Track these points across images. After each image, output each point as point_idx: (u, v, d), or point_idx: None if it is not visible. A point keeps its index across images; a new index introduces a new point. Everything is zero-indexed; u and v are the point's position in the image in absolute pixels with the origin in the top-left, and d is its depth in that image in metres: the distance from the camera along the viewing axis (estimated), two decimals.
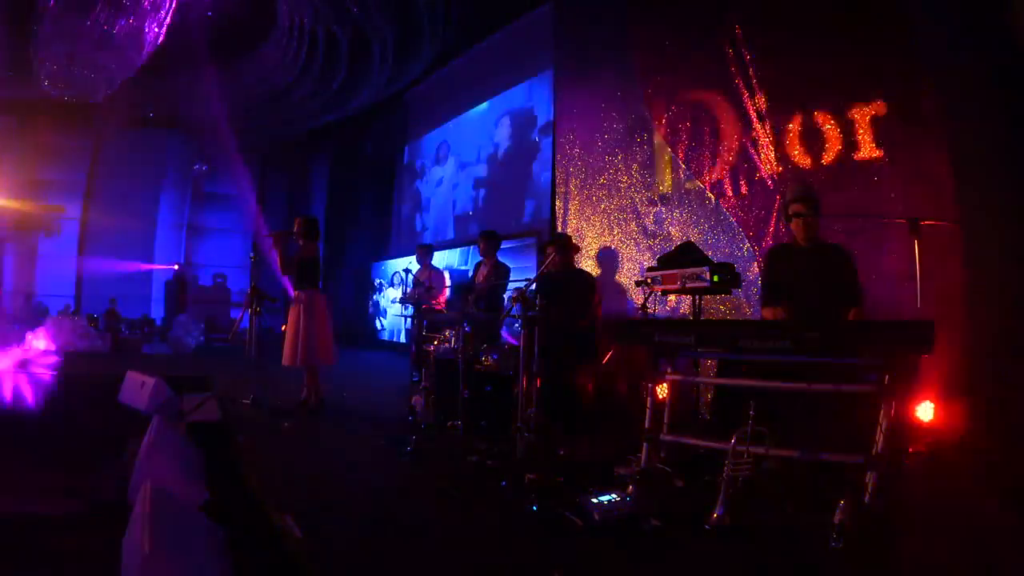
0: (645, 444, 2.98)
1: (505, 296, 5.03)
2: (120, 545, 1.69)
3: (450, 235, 9.61)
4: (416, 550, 2.23)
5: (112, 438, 3.51)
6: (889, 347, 2.33)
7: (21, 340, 8.80)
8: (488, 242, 5.17)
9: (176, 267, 13.01)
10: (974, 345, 3.29)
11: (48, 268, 12.35)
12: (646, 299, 4.12)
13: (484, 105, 9.03)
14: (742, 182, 4.50)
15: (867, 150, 3.80)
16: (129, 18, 7.88)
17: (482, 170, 8.98)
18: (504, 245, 5.51)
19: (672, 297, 4.68)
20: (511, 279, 5.04)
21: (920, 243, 2.72)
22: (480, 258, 5.27)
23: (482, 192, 8.96)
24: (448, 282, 6.29)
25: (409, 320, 6.18)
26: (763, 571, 2.06)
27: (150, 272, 13.27)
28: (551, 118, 6.99)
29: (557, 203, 6.35)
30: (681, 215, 4.96)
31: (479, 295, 4.99)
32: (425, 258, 6.33)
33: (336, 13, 7.83)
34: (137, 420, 3.75)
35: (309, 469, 3.32)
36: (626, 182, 5.51)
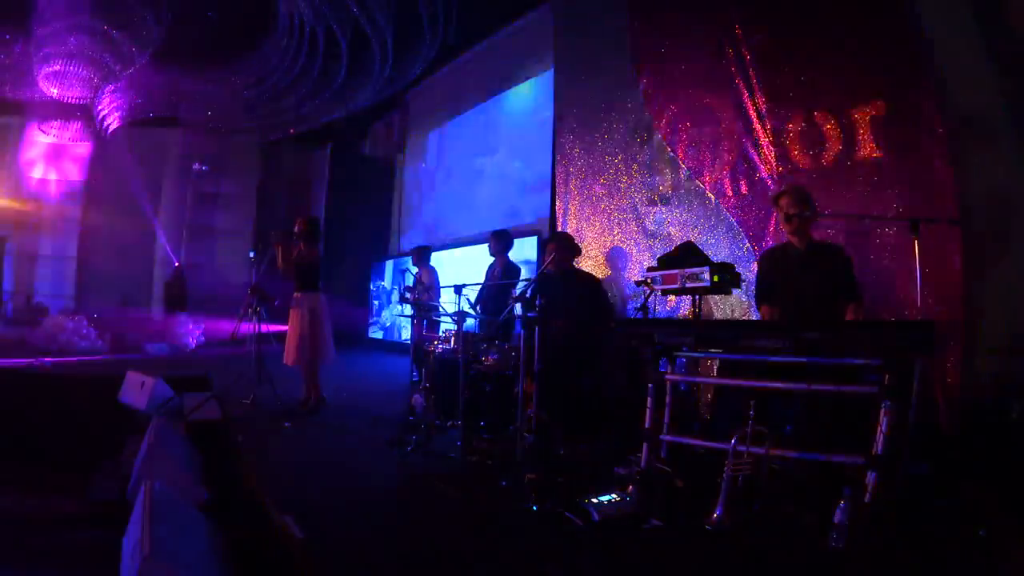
0: (645, 444, 2.98)
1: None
2: (120, 545, 1.69)
3: (449, 235, 9.61)
4: (416, 550, 2.23)
5: (112, 438, 3.51)
6: (889, 347, 2.33)
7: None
8: (498, 241, 5.12)
9: (176, 266, 13.00)
10: (974, 345, 3.29)
11: (48, 268, 12.35)
12: (646, 299, 4.12)
13: (484, 105, 9.03)
14: (742, 182, 4.50)
15: (867, 150, 3.80)
16: (129, 17, 7.88)
17: (482, 170, 8.98)
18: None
19: (672, 297, 4.67)
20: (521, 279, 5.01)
21: (920, 243, 2.72)
22: (493, 257, 5.24)
23: (482, 192, 8.96)
24: (439, 281, 6.28)
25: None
26: (763, 571, 2.06)
27: (150, 272, 13.26)
28: (551, 118, 6.98)
29: (557, 203, 6.34)
30: (681, 215, 4.96)
31: (488, 294, 4.97)
32: (422, 259, 6.32)
33: (336, 13, 7.82)
34: (137, 420, 3.74)
35: (309, 469, 3.32)
36: (626, 182, 5.51)
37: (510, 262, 5.14)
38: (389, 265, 11.11)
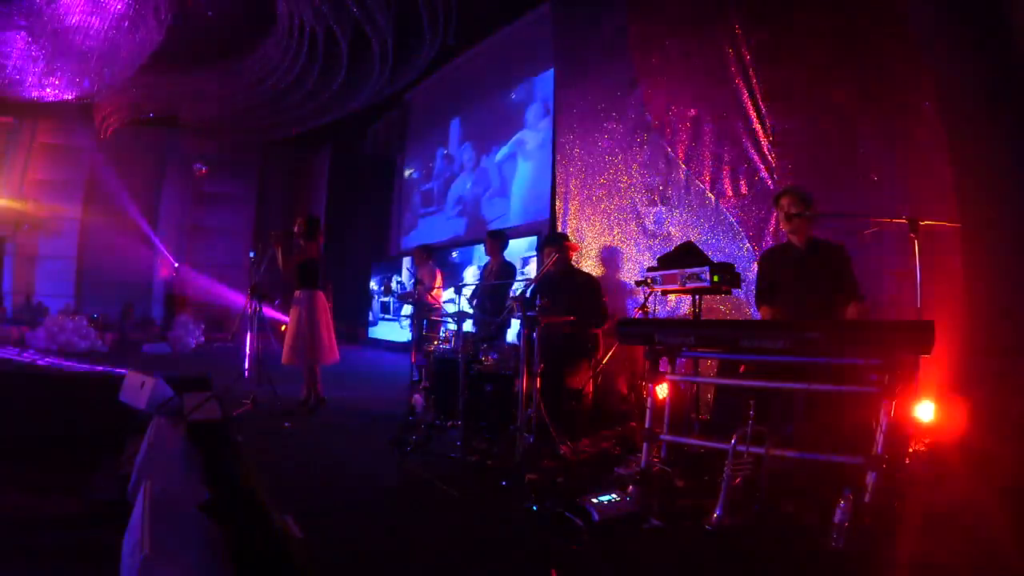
0: (645, 444, 2.98)
1: (511, 295, 5.03)
2: (120, 545, 1.69)
3: (449, 235, 9.61)
4: (416, 550, 2.23)
5: (112, 438, 3.52)
6: (889, 347, 2.33)
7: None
8: (494, 241, 5.16)
9: (176, 267, 13.01)
10: (974, 345, 3.29)
11: (48, 268, 12.35)
12: (646, 299, 4.12)
13: (484, 105, 9.04)
14: (742, 182, 4.49)
15: (867, 150, 3.80)
16: (129, 17, 7.89)
17: (482, 170, 8.99)
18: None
19: (672, 297, 4.67)
20: (517, 279, 5.04)
21: (920, 243, 2.72)
22: (487, 258, 5.29)
23: (481, 192, 8.96)
24: (440, 282, 6.28)
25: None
26: (763, 571, 2.06)
27: (150, 272, 13.27)
28: (551, 118, 6.99)
29: (557, 203, 6.35)
30: (681, 215, 4.96)
31: (484, 294, 4.99)
32: (423, 258, 6.32)
33: (336, 13, 7.83)
34: (137, 420, 3.75)
35: (309, 469, 3.32)
36: (626, 182, 5.51)
37: (506, 261, 5.18)
38: (406, 262, 11.09)
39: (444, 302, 5.80)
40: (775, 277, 3.30)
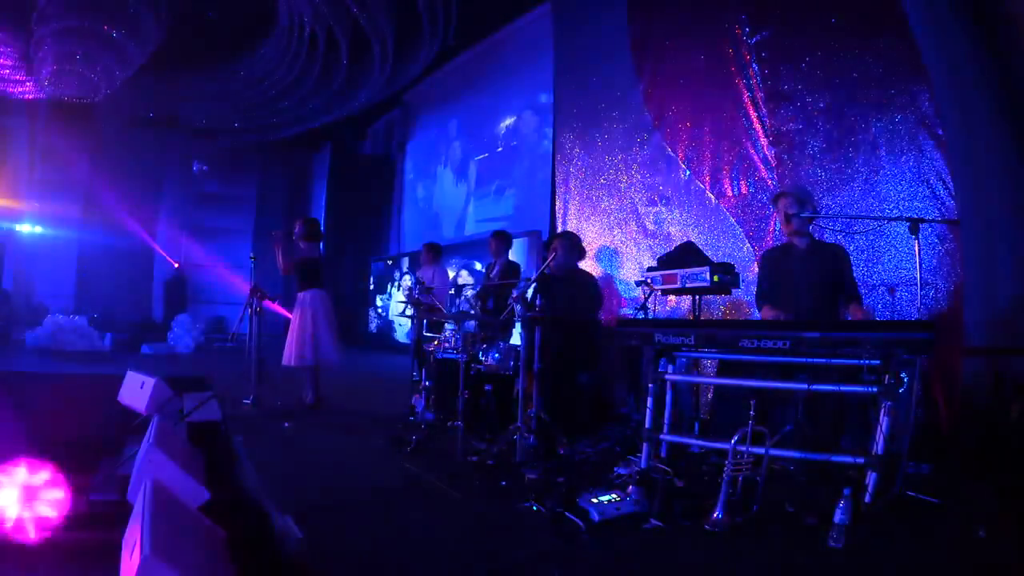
0: (645, 444, 2.98)
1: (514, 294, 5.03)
2: (120, 545, 1.69)
3: (449, 235, 9.61)
4: (416, 550, 2.23)
5: (112, 438, 3.51)
6: (889, 347, 2.34)
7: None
8: (499, 242, 5.17)
9: (176, 267, 13.00)
10: (974, 345, 3.29)
11: (48, 268, 12.34)
12: (646, 299, 4.12)
13: (484, 105, 9.04)
14: (742, 182, 4.50)
15: (867, 150, 3.80)
16: (129, 17, 7.89)
17: (482, 170, 8.99)
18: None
19: (672, 297, 4.67)
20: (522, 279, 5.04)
21: (920, 243, 2.72)
22: (491, 258, 5.31)
23: (482, 192, 8.97)
24: (451, 284, 6.28)
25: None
26: (763, 571, 2.06)
27: (150, 272, 13.26)
28: (551, 118, 6.99)
29: (557, 203, 6.35)
30: (681, 215, 4.96)
31: (488, 294, 5.00)
32: (430, 257, 6.30)
33: (336, 13, 7.83)
34: (137, 420, 3.74)
35: (309, 469, 3.32)
36: (626, 182, 5.51)
37: (510, 261, 5.19)
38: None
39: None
40: (775, 277, 3.30)
